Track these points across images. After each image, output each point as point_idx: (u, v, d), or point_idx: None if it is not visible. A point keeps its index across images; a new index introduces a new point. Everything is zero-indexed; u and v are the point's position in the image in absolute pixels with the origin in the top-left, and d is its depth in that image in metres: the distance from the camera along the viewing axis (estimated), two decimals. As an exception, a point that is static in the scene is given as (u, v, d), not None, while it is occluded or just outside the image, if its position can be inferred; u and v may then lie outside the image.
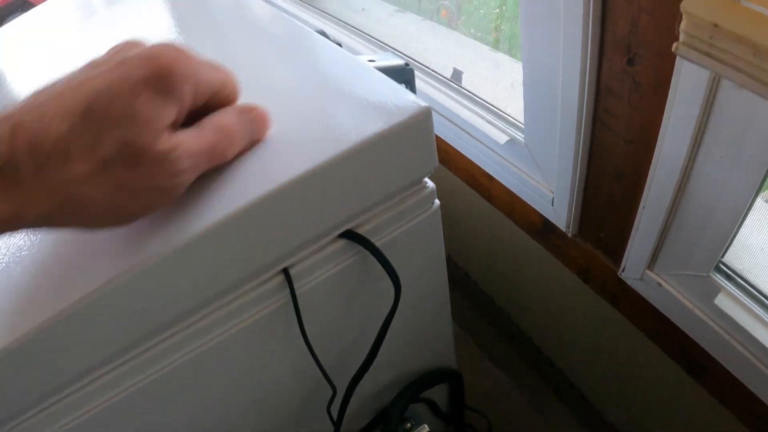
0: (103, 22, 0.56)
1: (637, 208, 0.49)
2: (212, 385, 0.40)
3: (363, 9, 1.13)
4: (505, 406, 0.97)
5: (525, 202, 0.60)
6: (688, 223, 0.46)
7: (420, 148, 0.37)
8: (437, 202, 0.42)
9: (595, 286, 0.61)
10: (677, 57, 0.36)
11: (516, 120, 0.59)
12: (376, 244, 0.39)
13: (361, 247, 0.40)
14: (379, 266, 0.42)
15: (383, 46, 0.87)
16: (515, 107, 0.64)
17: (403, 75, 0.47)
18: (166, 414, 0.38)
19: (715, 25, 0.29)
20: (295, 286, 0.37)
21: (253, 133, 0.33)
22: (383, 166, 0.36)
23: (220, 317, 0.36)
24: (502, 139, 0.57)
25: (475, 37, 0.84)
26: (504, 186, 0.62)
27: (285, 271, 0.37)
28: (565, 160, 0.50)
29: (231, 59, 0.43)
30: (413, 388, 0.56)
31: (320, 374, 0.43)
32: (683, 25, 0.31)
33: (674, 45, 0.32)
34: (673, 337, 0.55)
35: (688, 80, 0.36)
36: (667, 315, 0.53)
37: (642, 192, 0.47)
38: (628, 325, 0.60)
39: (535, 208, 0.59)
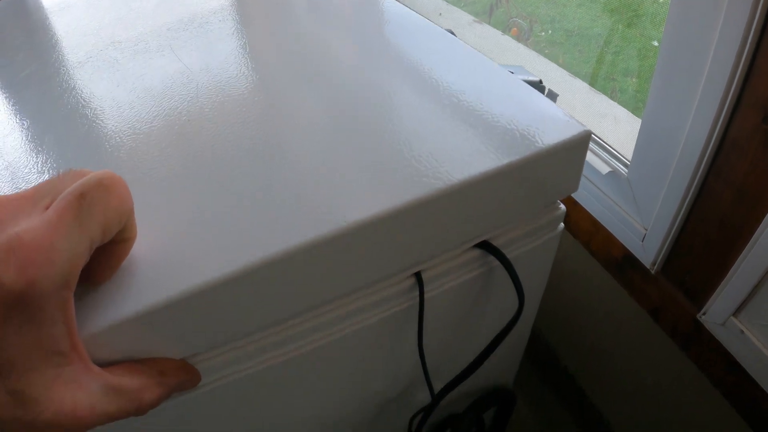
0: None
1: (735, 256, 0.50)
2: (321, 376, 0.40)
3: (440, 14, 1.15)
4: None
5: (609, 233, 0.61)
6: (788, 278, 0.47)
7: (571, 170, 0.38)
8: (562, 225, 0.43)
9: (666, 326, 0.61)
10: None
11: (615, 150, 0.60)
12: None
13: (490, 259, 0.40)
14: (501, 280, 0.43)
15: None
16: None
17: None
18: (287, 390, 0.39)
19: None
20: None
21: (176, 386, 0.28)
22: (536, 182, 0.36)
23: (350, 311, 0.36)
24: (604, 169, 0.58)
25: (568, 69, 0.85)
26: (588, 213, 0.63)
27: (417, 275, 0.38)
28: (670, 202, 0.51)
29: (382, 68, 0.43)
30: (482, 404, 0.57)
31: (411, 381, 0.42)
32: None
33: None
34: (744, 386, 0.55)
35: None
36: (742, 363, 0.54)
37: (744, 241, 0.48)
38: (693, 368, 0.61)
39: (621, 241, 0.60)
